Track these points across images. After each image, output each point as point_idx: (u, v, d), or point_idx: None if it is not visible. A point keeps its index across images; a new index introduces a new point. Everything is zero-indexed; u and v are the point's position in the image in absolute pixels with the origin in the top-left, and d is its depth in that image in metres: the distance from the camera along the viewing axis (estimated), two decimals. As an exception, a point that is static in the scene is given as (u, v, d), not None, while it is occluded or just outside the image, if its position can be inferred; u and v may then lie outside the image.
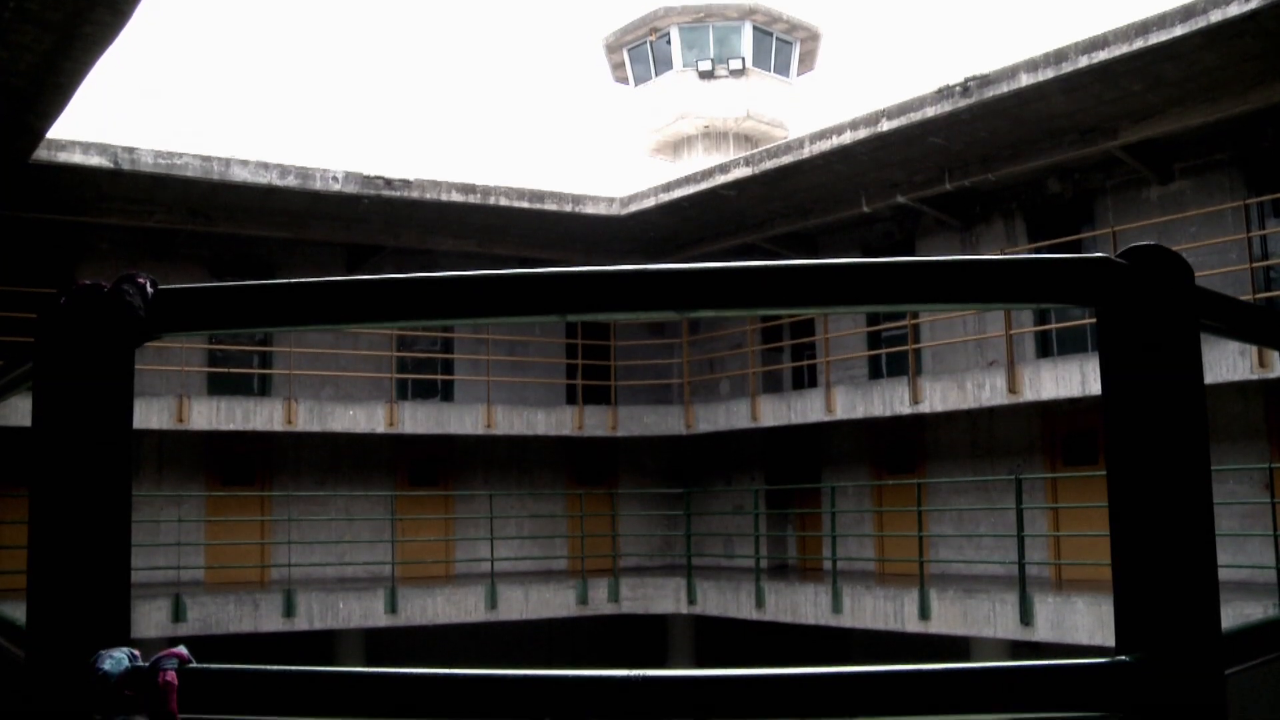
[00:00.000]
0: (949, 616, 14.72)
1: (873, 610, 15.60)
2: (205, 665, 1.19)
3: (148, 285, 1.29)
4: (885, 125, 15.46)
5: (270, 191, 17.26)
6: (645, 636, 19.99)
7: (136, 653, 1.23)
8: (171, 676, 1.16)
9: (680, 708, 1.06)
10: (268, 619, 16.35)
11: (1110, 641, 1.33)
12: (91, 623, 1.23)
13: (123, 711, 1.18)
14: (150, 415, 16.57)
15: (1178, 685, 1.14)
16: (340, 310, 1.29)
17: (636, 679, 1.04)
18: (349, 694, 1.13)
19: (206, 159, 16.73)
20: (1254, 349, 12.45)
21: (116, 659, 1.20)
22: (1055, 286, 1.25)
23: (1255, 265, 13.97)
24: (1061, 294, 1.28)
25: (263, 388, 19.10)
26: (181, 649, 1.22)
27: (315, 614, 16.65)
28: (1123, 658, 1.15)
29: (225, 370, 18.59)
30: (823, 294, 1.19)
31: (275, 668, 1.15)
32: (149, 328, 1.29)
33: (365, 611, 16.97)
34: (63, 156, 15.65)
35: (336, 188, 17.52)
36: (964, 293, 1.25)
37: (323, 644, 17.59)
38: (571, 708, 1.06)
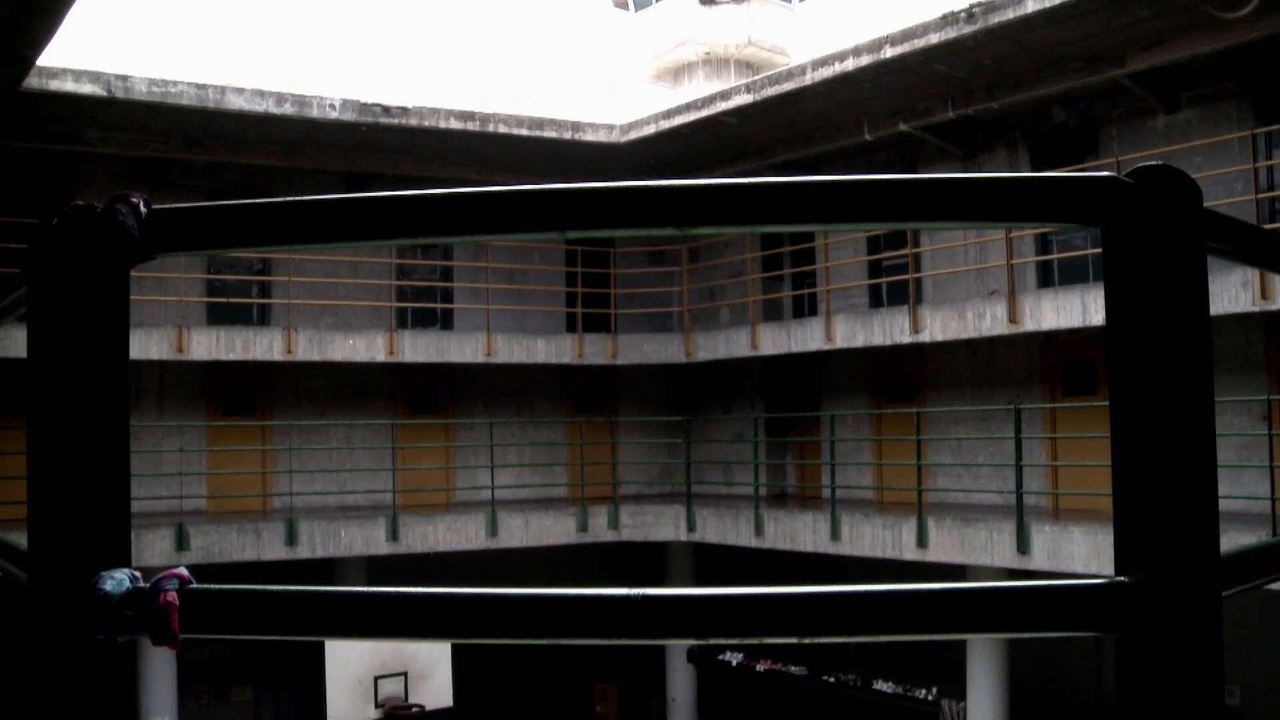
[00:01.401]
0: (946, 544, 14.84)
1: (871, 538, 15.72)
2: (205, 586, 1.19)
3: (141, 205, 1.27)
4: (888, 52, 15.28)
5: (267, 119, 17.11)
6: (645, 564, 20.18)
7: (138, 574, 1.23)
8: (172, 597, 1.17)
9: (680, 626, 1.07)
10: (270, 547, 16.48)
11: (1107, 570, 1.33)
12: (92, 545, 1.23)
13: (124, 631, 1.18)
14: (150, 346, 16.58)
15: (1176, 606, 1.14)
16: (337, 228, 1.27)
17: (636, 598, 1.04)
18: (347, 613, 1.13)
19: (201, 87, 16.56)
20: (1256, 281, 12.42)
21: (117, 580, 1.20)
22: (1061, 205, 1.23)
23: (1261, 196, 13.89)
24: (1067, 213, 1.26)
25: (262, 317, 19.08)
26: (182, 569, 1.22)
27: (317, 542, 16.79)
28: (1122, 578, 1.15)
29: (224, 300, 18.56)
30: (825, 210, 1.18)
31: (274, 587, 1.15)
32: (143, 248, 1.27)
33: (367, 539, 17.11)
34: (54, 84, 15.49)
35: (334, 115, 17.36)
36: (968, 210, 1.23)
37: (325, 572, 17.75)
38: (571, 626, 1.06)
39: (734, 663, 20.28)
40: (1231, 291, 12.61)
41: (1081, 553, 13.26)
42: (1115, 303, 1.20)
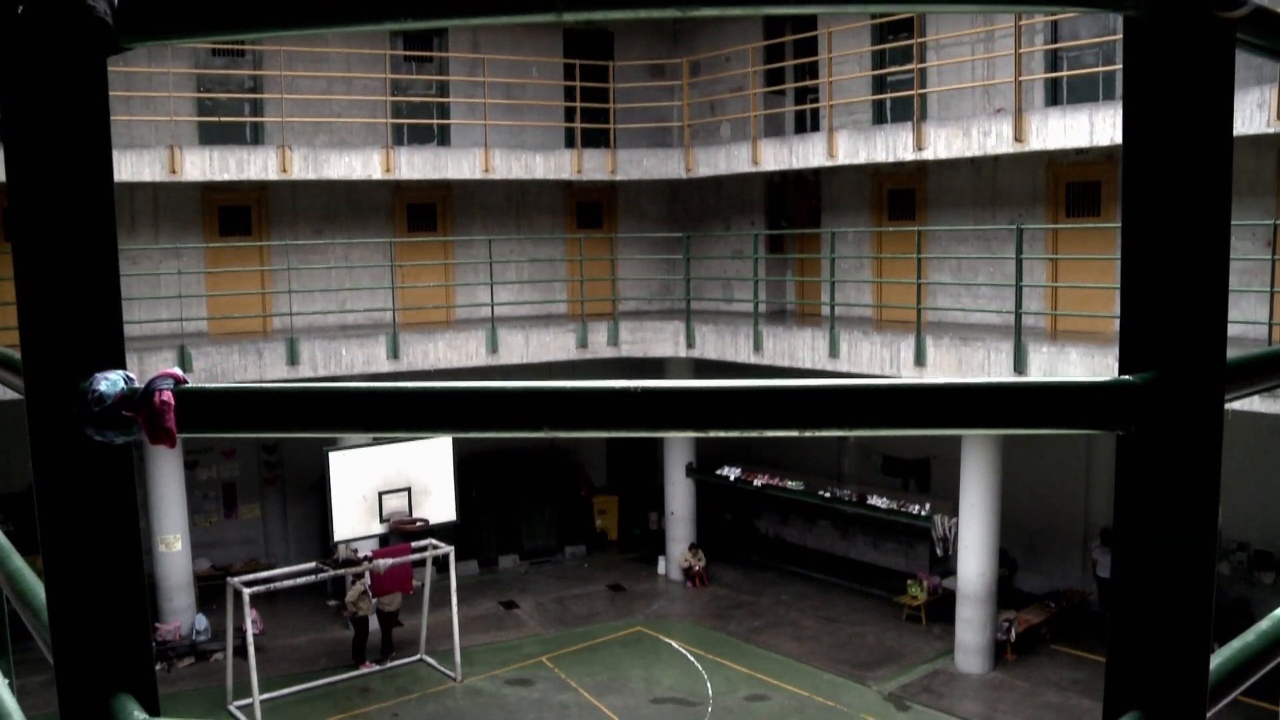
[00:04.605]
0: (944, 362, 14.96)
1: (869, 355, 15.85)
2: (200, 385, 1.17)
3: (113, -9, 1.21)
4: None
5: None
6: (644, 379, 20.36)
7: (132, 375, 1.22)
8: (168, 396, 1.16)
9: (679, 418, 1.05)
10: (272, 367, 16.62)
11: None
12: (86, 348, 1.21)
13: (122, 431, 1.17)
14: (142, 167, 16.38)
15: (1181, 406, 1.12)
16: (320, 9, 1.21)
17: (635, 390, 1.02)
18: (343, 408, 1.11)
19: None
20: (1274, 101, 12.12)
21: (112, 381, 1.19)
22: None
23: None
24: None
25: (255, 136, 18.79)
26: (176, 370, 1.20)
27: (319, 361, 16.92)
28: (1128, 378, 1.13)
29: (216, 120, 18.24)
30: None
31: (267, 385, 1.13)
32: (118, 35, 1.21)
33: (368, 358, 17.24)
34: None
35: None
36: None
37: (328, 389, 17.93)
38: (570, 417, 1.05)
39: (731, 478, 20.71)
40: (1246, 112, 12.31)
41: (1079, 373, 13.37)
42: (1134, 91, 1.15)
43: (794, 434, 1.05)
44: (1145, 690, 1.12)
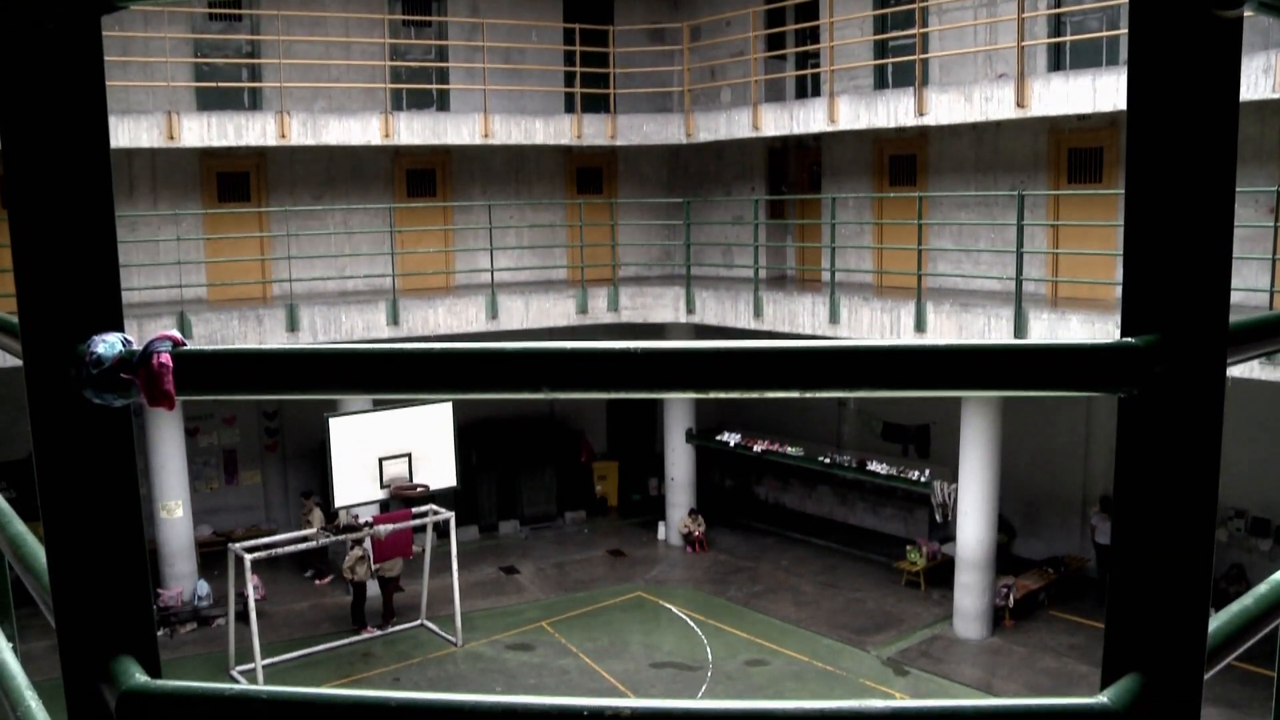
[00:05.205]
0: (944, 329, 14.96)
1: (869, 321, 15.84)
2: (198, 348, 1.17)
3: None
4: None
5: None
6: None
7: (130, 338, 1.21)
8: (166, 358, 1.15)
9: (679, 379, 1.05)
10: (272, 333, 16.61)
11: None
12: (83, 311, 1.21)
13: (120, 393, 1.17)
14: (140, 133, 16.30)
15: (1183, 368, 1.12)
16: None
17: (635, 351, 1.02)
18: (342, 369, 1.11)
19: None
20: (1279, 66, 12.04)
21: (110, 343, 1.19)
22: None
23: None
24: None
25: (253, 102, 18.69)
26: (174, 332, 1.20)
27: (319, 327, 16.91)
28: (1130, 340, 1.12)
29: (214, 85, 18.14)
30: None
31: (265, 348, 1.13)
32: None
33: (368, 324, 17.23)
34: None
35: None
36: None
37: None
38: (571, 378, 1.04)
39: (731, 444, 20.74)
40: (1251, 77, 12.23)
41: (1079, 340, 13.34)
42: (1141, 52, 1.14)
43: (795, 395, 1.05)
44: (1144, 652, 1.12)
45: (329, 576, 18.74)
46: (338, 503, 16.11)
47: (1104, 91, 13.61)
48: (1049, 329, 13.77)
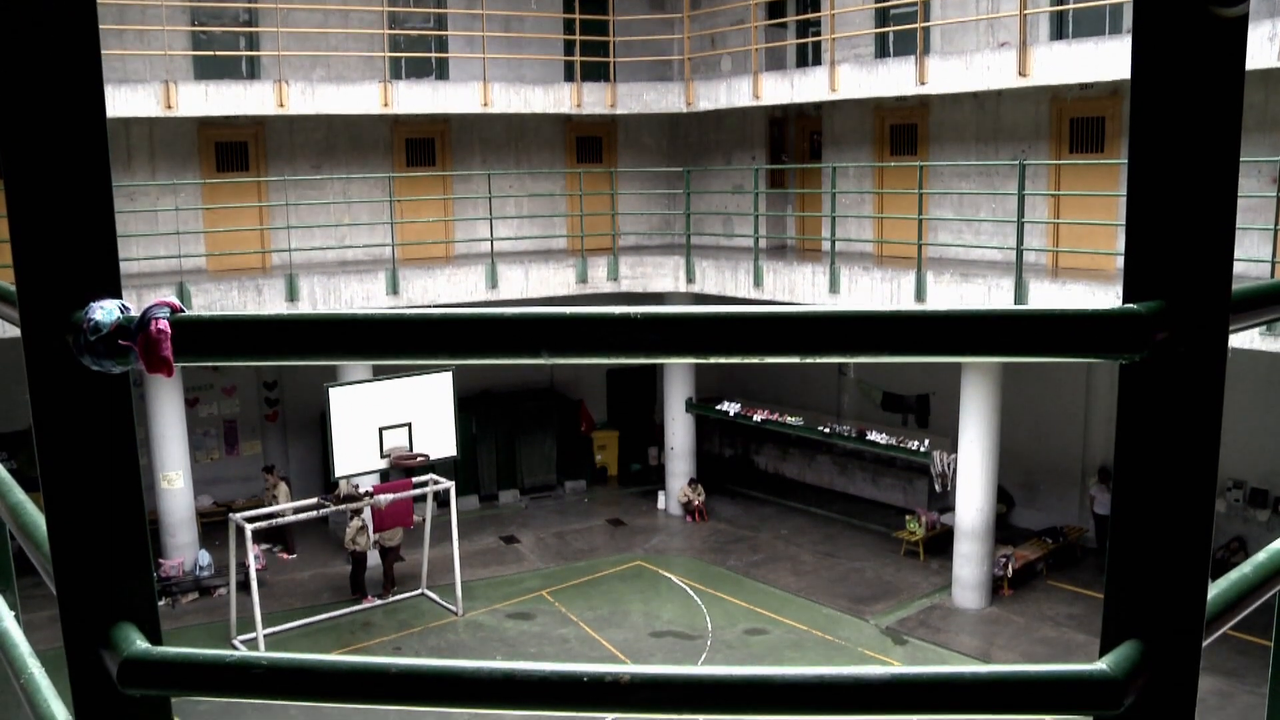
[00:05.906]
0: (944, 299, 14.95)
1: (869, 291, 15.83)
2: (197, 315, 1.16)
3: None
4: None
5: None
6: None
7: (129, 305, 1.21)
8: (164, 324, 1.15)
9: (679, 343, 1.04)
10: (271, 303, 16.60)
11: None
12: (80, 276, 1.20)
13: (117, 360, 1.17)
14: (136, 102, 16.22)
15: (1186, 335, 1.12)
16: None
17: (634, 316, 1.01)
18: (341, 334, 1.10)
19: None
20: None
21: (108, 310, 1.18)
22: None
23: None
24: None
25: (251, 71, 18.60)
26: (172, 299, 1.20)
27: (318, 297, 16.90)
28: (1133, 306, 1.12)
29: (211, 54, 18.05)
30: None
31: (262, 314, 1.13)
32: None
33: (367, 294, 17.22)
34: None
35: None
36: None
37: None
38: (569, 342, 1.04)
39: (731, 413, 20.76)
40: (1256, 45, 12.14)
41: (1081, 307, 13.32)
42: (1145, 15, 1.12)
43: (798, 360, 1.04)
44: (1144, 619, 1.12)
45: (294, 554, 18.71)
46: (338, 472, 16.14)
47: (1106, 60, 13.54)
48: (1050, 299, 13.76)
